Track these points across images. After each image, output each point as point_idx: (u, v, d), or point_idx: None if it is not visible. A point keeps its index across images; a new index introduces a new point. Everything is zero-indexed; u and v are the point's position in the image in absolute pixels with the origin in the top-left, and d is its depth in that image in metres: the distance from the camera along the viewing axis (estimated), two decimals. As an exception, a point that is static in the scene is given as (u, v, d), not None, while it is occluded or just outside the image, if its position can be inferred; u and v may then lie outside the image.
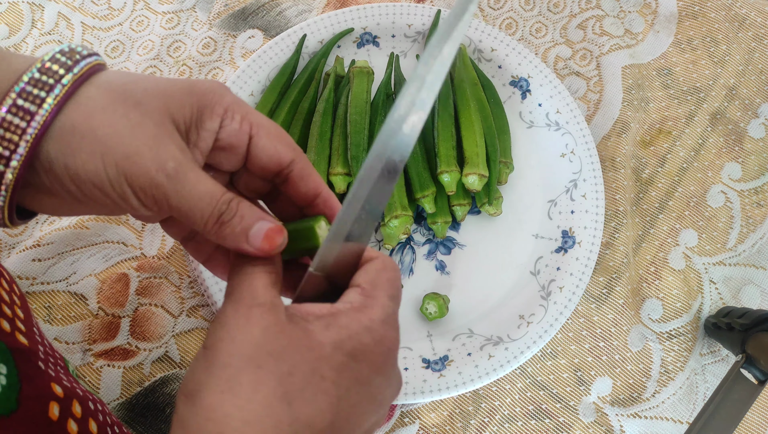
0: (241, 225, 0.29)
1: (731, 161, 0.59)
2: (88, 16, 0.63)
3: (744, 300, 0.55)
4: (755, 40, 0.62)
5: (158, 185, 0.27)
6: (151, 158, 0.27)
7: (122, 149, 0.27)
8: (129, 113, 0.27)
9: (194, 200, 0.28)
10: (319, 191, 0.33)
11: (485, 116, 0.55)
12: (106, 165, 0.27)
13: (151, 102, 0.28)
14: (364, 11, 0.59)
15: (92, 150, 0.27)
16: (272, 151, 0.31)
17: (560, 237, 0.54)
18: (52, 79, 0.27)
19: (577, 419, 0.51)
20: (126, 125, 0.27)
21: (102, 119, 0.27)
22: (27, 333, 0.34)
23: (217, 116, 0.30)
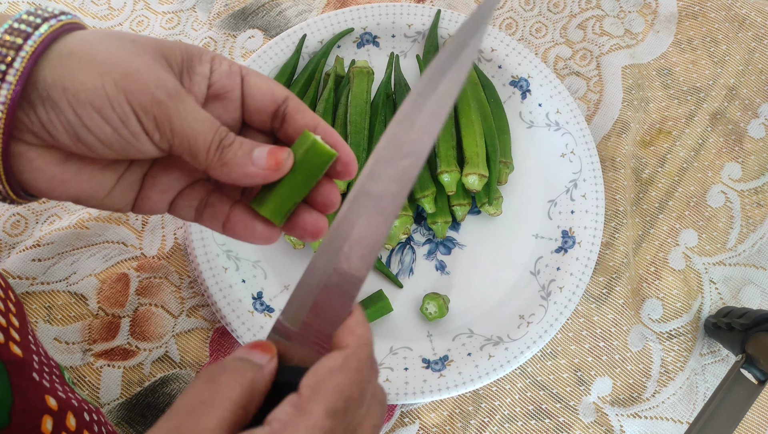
0: (242, 149, 0.28)
1: (731, 161, 0.59)
2: (88, 16, 0.63)
3: (744, 300, 0.55)
4: (755, 40, 0.62)
5: (159, 101, 0.27)
6: (151, 77, 0.27)
7: (121, 68, 0.27)
8: (126, 45, 0.28)
9: (196, 123, 0.28)
10: (317, 122, 0.32)
11: (485, 116, 0.55)
12: (105, 83, 0.27)
13: (146, 42, 0.28)
14: (364, 11, 0.59)
15: (90, 70, 0.27)
16: (266, 88, 0.31)
17: (560, 237, 0.54)
18: (48, 14, 0.28)
19: (577, 419, 0.51)
20: (124, 53, 0.27)
21: (100, 47, 0.27)
22: (22, 343, 0.33)
23: (206, 62, 0.30)
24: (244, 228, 0.32)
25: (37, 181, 0.29)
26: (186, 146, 0.28)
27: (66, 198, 0.30)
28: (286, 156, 0.29)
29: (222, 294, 0.50)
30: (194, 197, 0.33)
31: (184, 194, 0.33)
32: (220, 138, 0.28)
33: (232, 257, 0.52)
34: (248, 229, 0.32)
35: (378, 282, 0.53)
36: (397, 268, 0.54)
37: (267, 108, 0.32)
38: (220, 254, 0.51)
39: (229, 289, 0.50)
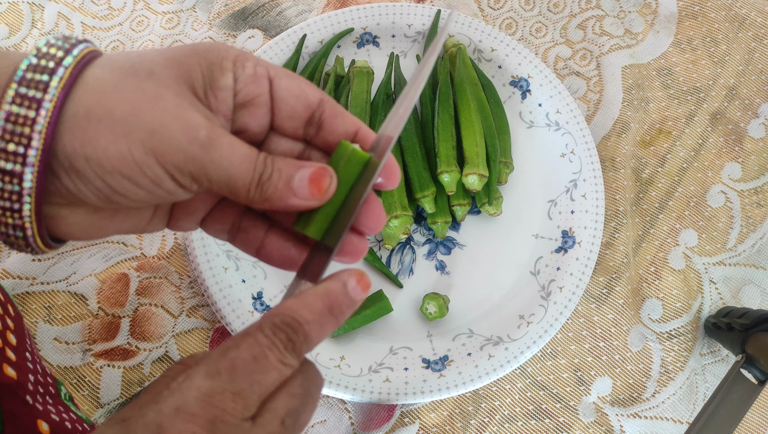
0: (282, 179, 0.26)
1: (731, 161, 0.59)
2: (88, 16, 0.63)
3: (744, 300, 0.55)
4: (755, 40, 0.62)
5: (193, 158, 0.24)
6: (180, 129, 0.24)
7: (146, 125, 0.24)
8: (144, 85, 0.25)
9: (233, 167, 0.25)
10: (358, 126, 0.29)
11: (485, 116, 0.55)
12: (131, 147, 0.24)
13: (164, 72, 0.25)
14: (364, 11, 0.59)
15: (113, 133, 0.24)
16: (298, 91, 0.28)
17: (560, 237, 0.54)
18: (53, 62, 0.24)
19: (577, 419, 0.51)
20: (144, 99, 0.24)
21: (117, 98, 0.24)
22: (17, 362, 0.32)
23: (228, 70, 0.27)
24: (279, 256, 0.30)
25: (74, 232, 0.28)
26: (226, 190, 0.26)
27: (107, 237, 0.29)
28: (329, 181, 0.27)
29: (222, 294, 0.50)
30: (225, 220, 0.31)
31: (215, 216, 0.31)
32: (258, 175, 0.26)
33: (232, 257, 0.52)
34: (284, 257, 0.30)
35: (378, 282, 0.53)
36: (397, 268, 0.54)
37: (300, 114, 0.29)
38: (220, 254, 0.51)
39: (229, 289, 0.50)
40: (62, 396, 0.38)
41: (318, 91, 0.29)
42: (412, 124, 0.55)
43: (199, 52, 0.27)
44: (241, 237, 0.31)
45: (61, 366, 0.50)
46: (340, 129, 0.29)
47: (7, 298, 0.35)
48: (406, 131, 0.54)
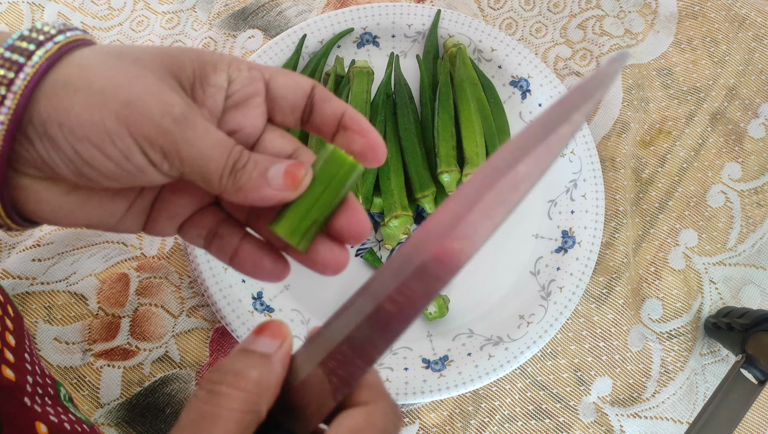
0: (257, 169, 0.26)
1: (731, 161, 0.59)
2: (88, 16, 0.63)
3: (744, 300, 0.55)
4: (755, 40, 0.62)
5: (165, 131, 0.24)
6: (155, 103, 0.24)
7: (122, 97, 0.24)
8: (128, 67, 0.25)
9: (207, 148, 0.25)
10: (344, 108, 0.30)
11: (485, 116, 0.55)
12: (104, 116, 0.24)
13: (151, 59, 0.26)
14: (364, 11, 0.59)
15: (88, 102, 0.24)
16: (294, 85, 0.29)
17: (560, 237, 0.54)
18: (43, 36, 0.25)
19: (577, 419, 0.51)
20: (125, 77, 0.24)
21: (98, 72, 0.24)
22: (16, 364, 0.32)
23: (222, 71, 0.27)
24: (252, 264, 0.30)
25: (44, 211, 0.27)
26: (198, 173, 0.26)
27: (74, 226, 0.29)
28: (304, 173, 0.26)
29: (222, 294, 0.50)
30: (203, 225, 0.31)
31: (194, 221, 0.31)
32: (233, 161, 0.26)
33: (232, 257, 0.51)
34: (256, 265, 0.30)
35: (378, 282, 0.53)
36: (397, 268, 0.54)
37: (299, 104, 0.30)
38: (220, 254, 0.51)
39: (229, 289, 0.50)
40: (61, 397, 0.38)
41: (309, 79, 0.30)
42: (413, 124, 0.55)
43: (195, 51, 0.27)
44: (217, 243, 0.31)
45: (61, 366, 0.50)
46: (327, 111, 0.30)
47: (6, 299, 0.35)
48: (406, 131, 0.54)
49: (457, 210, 0.24)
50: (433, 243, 0.24)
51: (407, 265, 0.24)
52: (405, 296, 0.24)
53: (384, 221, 0.51)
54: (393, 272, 0.24)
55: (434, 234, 0.24)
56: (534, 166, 0.24)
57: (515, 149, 0.24)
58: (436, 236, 0.24)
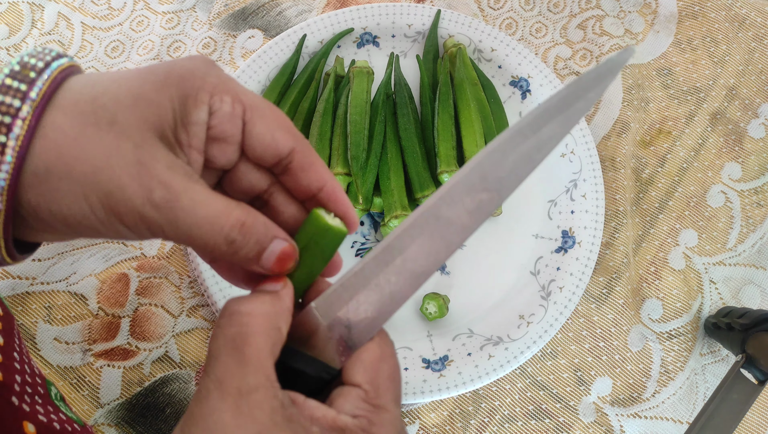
0: (255, 250, 0.26)
1: (731, 161, 0.59)
2: (88, 16, 0.63)
3: (744, 300, 0.55)
4: (755, 40, 0.62)
5: (147, 218, 0.24)
6: (135, 189, 0.24)
7: (103, 186, 0.23)
8: (103, 138, 0.24)
9: (194, 229, 0.24)
10: (323, 183, 0.29)
11: (485, 116, 0.55)
12: (93, 207, 0.24)
13: (127, 117, 0.24)
14: (364, 11, 0.59)
15: (74, 192, 0.23)
16: (268, 138, 0.27)
17: (560, 237, 0.54)
18: (9, 117, 0.23)
19: (577, 419, 0.51)
20: (102, 156, 0.23)
21: (76, 154, 0.23)
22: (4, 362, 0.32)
23: (203, 103, 0.26)
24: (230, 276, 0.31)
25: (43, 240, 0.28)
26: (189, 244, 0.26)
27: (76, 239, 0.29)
28: (292, 265, 0.27)
29: (222, 294, 0.50)
30: None
31: None
32: (229, 241, 0.25)
33: (232, 257, 0.51)
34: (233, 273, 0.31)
35: (378, 282, 0.53)
36: (397, 268, 0.54)
37: (268, 160, 0.28)
38: (220, 254, 0.51)
39: (229, 289, 0.50)
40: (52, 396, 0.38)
41: (291, 139, 0.28)
42: (413, 124, 0.55)
43: (173, 82, 0.25)
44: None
45: (61, 366, 0.50)
46: (303, 182, 0.29)
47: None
48: (405, 131, 0.54)
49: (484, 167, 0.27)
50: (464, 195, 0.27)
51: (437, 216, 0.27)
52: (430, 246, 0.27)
53: (384, 221, 0.51)
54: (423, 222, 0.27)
55: (463, 187, 0.27)
56: (555, 131, 0.27)
57: (539, 116, 0.27)
58: (465, 189, 0.27)
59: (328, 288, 0.28)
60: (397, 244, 0.27)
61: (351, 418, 0.25)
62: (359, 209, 0.52)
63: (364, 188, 0.52)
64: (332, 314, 0.27)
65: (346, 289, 0.27)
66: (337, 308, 0.27)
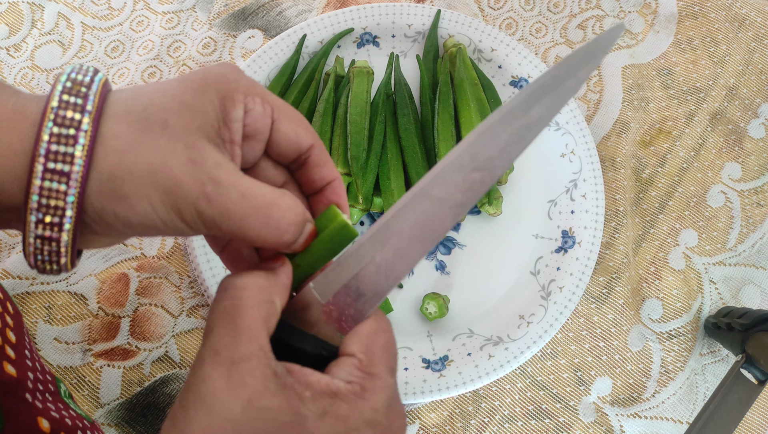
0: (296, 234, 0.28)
1: (731, 161, 0.59)
2: (88, 16, 0.63)
3: (744, 300, 0.55)
4: (755, 40, 0.62)
5: (202, 213, 0.26)
6: (190, 185, 0.26)
7: (163, 184, 0.25)
8: (158, 141, 0.26)
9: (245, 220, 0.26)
10: (333, 179, 0.31)
11: (485, 116, 0.55)
12: (154, 206, 0.26)
13: (176, 122, 0.26)
14: (364, 11, 0.59)
15: (136, 193, 0.25)
16: (293, 135, 0.30)
17: (560, 237, 0.54)
18: (73, 129, 0.25)
19: (577, 419, 0.51)
20: (159, 158, 0.26)
21: (135, 158, 0.26)
22: (16, 360, 0.32)
23: (240, 103, 0.28)
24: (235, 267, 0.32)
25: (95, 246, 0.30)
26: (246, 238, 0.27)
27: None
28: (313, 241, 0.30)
29: (222, 294, 0.50)
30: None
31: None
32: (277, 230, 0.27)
33: (232, 257, 0.51)
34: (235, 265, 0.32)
35: (378, 282, 0.53)
36: (397, 268, 0.54)
37: (290, 155, 0.31)
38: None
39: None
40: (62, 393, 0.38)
41: (311, 136, 0.31)
42: (413, 124, 0.55)
43: (211, 87, 0.28)
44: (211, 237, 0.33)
45: (61, 366, 0.50)
46: (316, 176, 0.31)
47: (6, 296, 0.35)
48: (406, 131, 0.54)
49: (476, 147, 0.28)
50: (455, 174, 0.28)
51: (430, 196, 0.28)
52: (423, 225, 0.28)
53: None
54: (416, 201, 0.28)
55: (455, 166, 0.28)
56: (546, 110, 0.28)
57: (530, 95, 0.28)
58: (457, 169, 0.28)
59: (327, 267, 0.29)
60: (391, 224, 0.28)
61: (344, 383, 0.26)
62: (359, 209, 0.52)
63: (364, 188, 0.52)
64: (330, 293, 0.28)
65: (343, 268, 0.28)
66: (335, 287, 0.28)
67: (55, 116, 0.25)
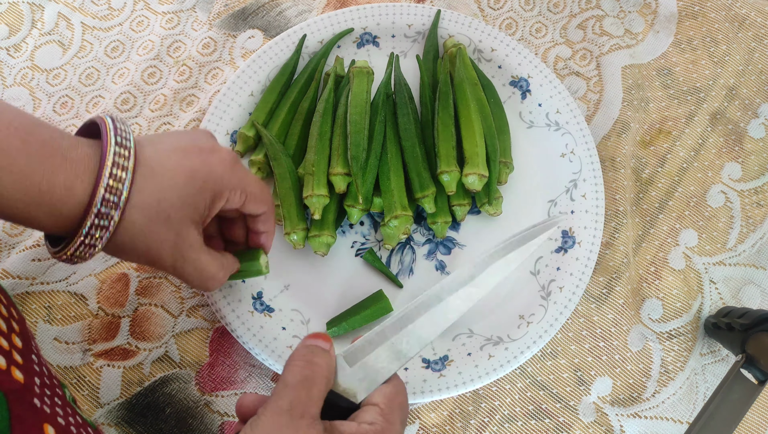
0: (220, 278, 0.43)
1: (731, 161, 0.59)
2: (88, 16, 0.63)
3: (744, 300, 0.55)
4: (755, 40, 0.62)
5: (175, 274, 0.41)
6: (168, 260, 0.39)
7: (152, 256, 0.39)
8: (159, 229, 0.38)
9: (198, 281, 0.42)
10: (267, 231, 0.46)
11: (485, 116, 0.55)
12: (144, 262, 0.40)
13: (176, 215, 0.38)
14: (364, 11, 0.59)
15: (134, 257, 0.39)
16: (252, 209, 0.44)
17: (560, 237, 0.54)
18: (106, 221, 0.35)
19: (577, 419, 0.51)
20: (156, 241, 0.38)
21: (141, 238, 0.37)
22: (24, 365, 0.32)
23: (224, 198, 0.41)
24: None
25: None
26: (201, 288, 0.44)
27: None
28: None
29: (222, 294, 0.50)
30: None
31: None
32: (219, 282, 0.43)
33: (232, 257, 0.51)
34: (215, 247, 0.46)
35: (378, 282, 0.53)
36: (397, 268, 0.54)
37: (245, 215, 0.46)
38: (220, 254, 0.51)
39: (229, 289, 0.50)
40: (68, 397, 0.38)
41: (266, 206, 0.44)
42: (413, 124, 0.55)
43: (208, 187, 0.39)
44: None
45: (61, 366, 0.50)
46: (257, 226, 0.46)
47: (9, 301, 0.35)
48: (406, 131, 0.54)
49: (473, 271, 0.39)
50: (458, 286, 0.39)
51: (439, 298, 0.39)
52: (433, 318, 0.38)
53: (384, 220, 0.51)
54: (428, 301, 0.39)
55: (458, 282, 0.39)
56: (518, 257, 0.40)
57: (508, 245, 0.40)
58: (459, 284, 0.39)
59: (356, 342, 0.37)
60: (410, 314, 0.38)
61: (368, 425, 0.34)
62: (359, 209, 0.52)
63: (364, 188, 0.52)
64: (356, 362, 0.36)
65: (369, 344, 0.37)
66: (361, 357, 0.36)
67: (97, 212, 0.35)
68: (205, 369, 0.51)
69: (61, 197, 0.34)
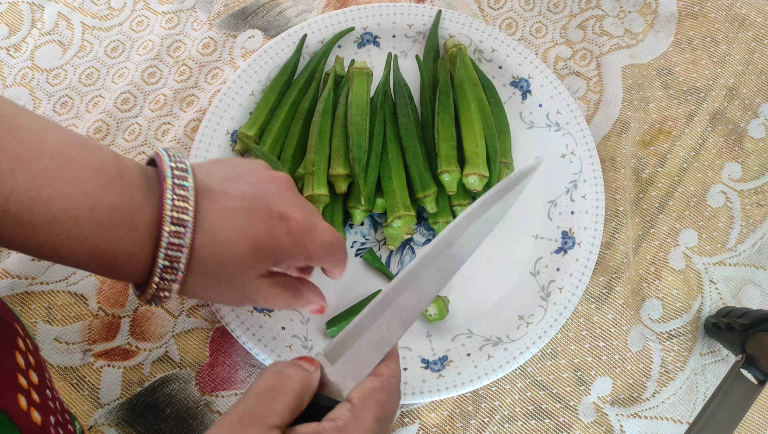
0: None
1: (731, 161, 0.59)
2: (88, 16, 0.63)
3: (744, 300, 0.55)
4: (755, 40, 0.62)
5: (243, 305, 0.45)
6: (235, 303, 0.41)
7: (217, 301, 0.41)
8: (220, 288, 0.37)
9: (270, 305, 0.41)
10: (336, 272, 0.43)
11: (485, 117, 0.55)
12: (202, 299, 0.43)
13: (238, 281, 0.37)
14: (365, 11, 0.59)
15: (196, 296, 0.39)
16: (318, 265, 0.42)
17: (560, 238, 0.54)
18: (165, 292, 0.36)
19: (577, 419, 0.51)
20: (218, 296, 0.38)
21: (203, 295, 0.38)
22: (41, 403, 0.32)
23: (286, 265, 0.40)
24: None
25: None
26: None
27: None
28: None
29: (222, 294, 0.50)
30: None
31: None
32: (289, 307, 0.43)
33: (232, 257, 0.51)
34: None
35: (378, 282, 0.53)
36: (396, 268, 0.54)
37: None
38: (220, 254, 0.51)
39: (229, 289, 0.50)
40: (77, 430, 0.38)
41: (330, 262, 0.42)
42: (413, 124, 0.55)
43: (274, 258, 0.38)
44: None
45: (61, 366, 0.50)
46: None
47: (25, 332, 0.35)
48: (406, 131, 0.54)
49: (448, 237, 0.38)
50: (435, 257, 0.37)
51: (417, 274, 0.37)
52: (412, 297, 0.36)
53: (387, 221, 0.51)
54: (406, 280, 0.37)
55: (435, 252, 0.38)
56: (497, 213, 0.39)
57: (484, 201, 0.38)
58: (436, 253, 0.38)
59: (335, 337, 0.36)
60: (387, 298, 0.36)
61: (329, 422, 0.31)
62: (362, 210, 0.52)
63: (366, 189, 0.52)
64: (338, 358, 0.35)
65: (349, 337, 0.35)
66: (342, 352, 0.35)
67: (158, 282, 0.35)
68: (205, 369, 0.51)
69: (124, 263, 0.34)
